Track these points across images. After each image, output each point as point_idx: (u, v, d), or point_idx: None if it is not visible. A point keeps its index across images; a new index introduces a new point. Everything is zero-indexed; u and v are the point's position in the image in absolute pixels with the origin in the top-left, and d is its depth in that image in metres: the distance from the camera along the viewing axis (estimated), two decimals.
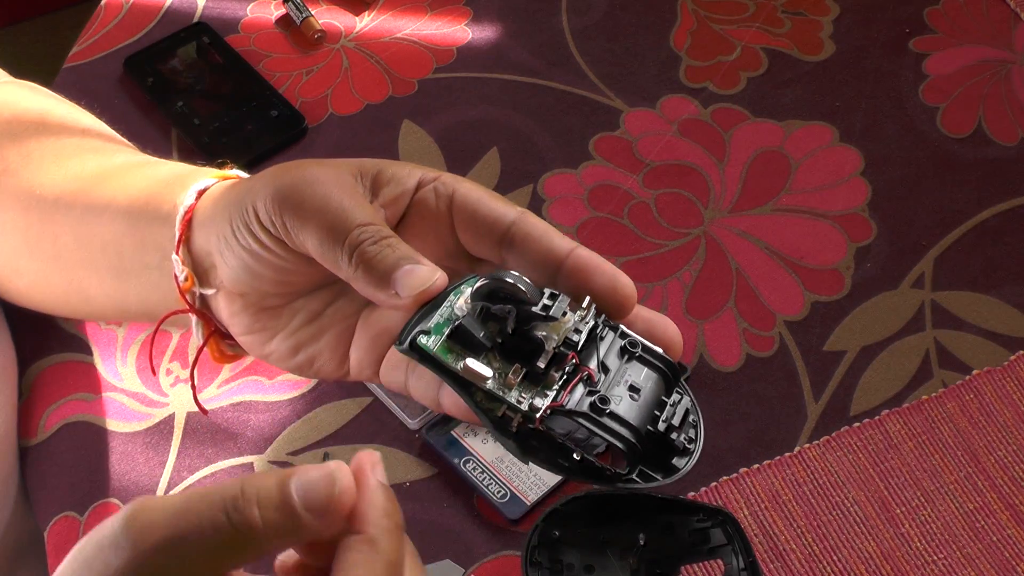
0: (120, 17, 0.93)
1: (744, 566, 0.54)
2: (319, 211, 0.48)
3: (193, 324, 0.55)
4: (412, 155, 0.84)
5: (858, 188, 0.82)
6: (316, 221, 0.48)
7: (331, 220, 0.47)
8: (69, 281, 0.62)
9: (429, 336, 0.45)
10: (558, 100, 0.87)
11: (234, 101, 0.87)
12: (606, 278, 0.47)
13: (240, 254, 0.51)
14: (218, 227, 0.52)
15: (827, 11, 0.92)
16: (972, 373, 0.72)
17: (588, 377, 0.45)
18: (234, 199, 0.51)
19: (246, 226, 0.50)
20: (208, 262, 0.53)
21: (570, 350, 0.45)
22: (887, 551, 0.66)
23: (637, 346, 0.47)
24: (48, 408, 0.73)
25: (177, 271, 0.53)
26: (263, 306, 0.53)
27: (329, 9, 0.94)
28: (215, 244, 0.52)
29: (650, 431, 0.45)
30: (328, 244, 0.47)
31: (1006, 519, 0.67)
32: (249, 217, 0.50)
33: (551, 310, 0.45)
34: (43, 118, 0.67)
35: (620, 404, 0.45)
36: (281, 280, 0.51)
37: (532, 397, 0.44)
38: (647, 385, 0.46)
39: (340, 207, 0.48)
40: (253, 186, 0.51)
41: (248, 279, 0.51)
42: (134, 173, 0.61)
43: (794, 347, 0.74)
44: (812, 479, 0.68)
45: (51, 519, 0.69)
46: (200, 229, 0.53)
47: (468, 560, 0.66)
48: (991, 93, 0.86)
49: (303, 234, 0.48)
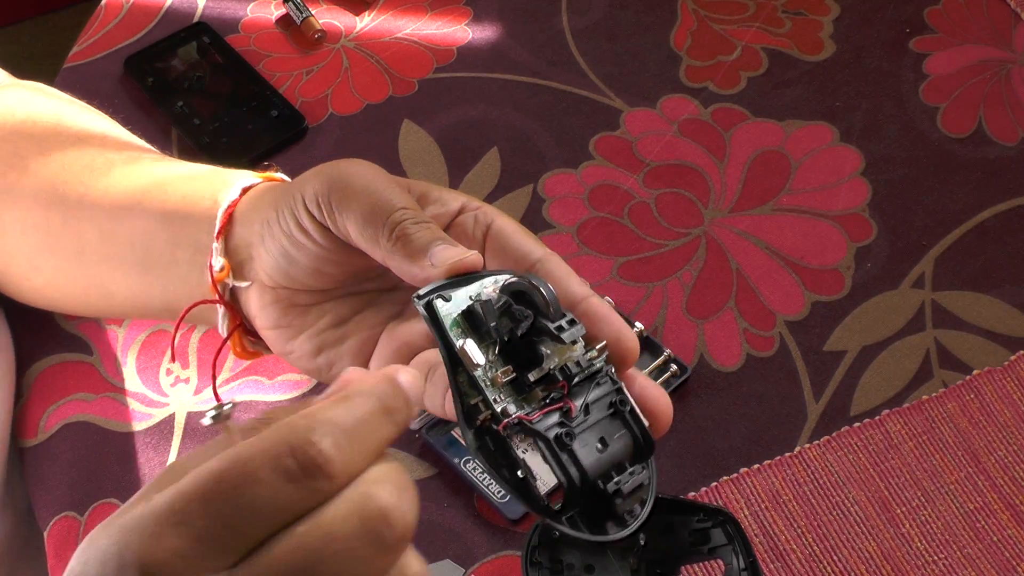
0: (120, 17, 0.93)
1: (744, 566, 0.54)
2: (363, 194, 0.49)
3: (219, 316, 0.57)
4: (412, 155, 0.84)
5: (858, 188, 0.82)
6: (360, 202, 0.49)
7: (374, 201, 0.49)
8: (90, 277, 0.63)
9: (447, 304, 0.46)
10: (558, 100, 0.87)
11: (234, 101, 0.87)
12: (612, 329, 0.48)
13: (280, 239, 0.52)
14: (262, 215, 0.54)
15: (827, 11, 0.92)
16: (972, 373, 0.72)
17: (567, 410, 0.45)
18: (281, 191, 0.53)
19: (291, 211, 0.52)
20: (245, 254, 0.55)
21: (564, 378, 0.45)
22: (887, 551, 0.66)
23: (626, 405, 0.46)
24: (48, 408, 0.73)
25: (214, 259, 0.55)
26: (293, 302, 0.54)
27: (329, 9, 0.94)
28: (257, 232, 0.54)
29: (598, 486, 0.45)
30: (370, 222, 0.49)
31: (1007, 519, 0.67)
32: (296, 203, 0.51)
33: (564, 333, 0.45)
34: (59, 118, 0.68)
35: (583, 448, 0.45)
36: (316, 270, 0.53)
37: (508, 402, 0.45)
38: (617, 444, 0.46)
39: (384, 191, 0.50)
40: (302, 178, 0.52)
41: (285, 265, 0.53)
42: (166, 172, 0.62)
43: (794, 347, 0.74)
44: (812, 479, 0.68)
45: (51, 519, 0.69)
46: (241, 222, 0.55)
47: (468, 560, 0.66)
48: (991, 93, 0.86)
49: (347, 214, 0.49)
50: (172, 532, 0.34)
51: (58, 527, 0.68)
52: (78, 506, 0.69)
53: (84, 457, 0.71)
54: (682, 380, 0.72)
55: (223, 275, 0.55)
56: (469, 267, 0.48)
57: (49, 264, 0.64)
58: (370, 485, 0.36)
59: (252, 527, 0.34)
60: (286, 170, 0.84)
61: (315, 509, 0.35)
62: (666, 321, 0.75)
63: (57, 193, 0.63)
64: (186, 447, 0.71)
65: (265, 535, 0.34)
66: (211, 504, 0.34)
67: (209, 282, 0.56)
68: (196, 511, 0.34)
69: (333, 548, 0.34)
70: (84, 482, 0.70)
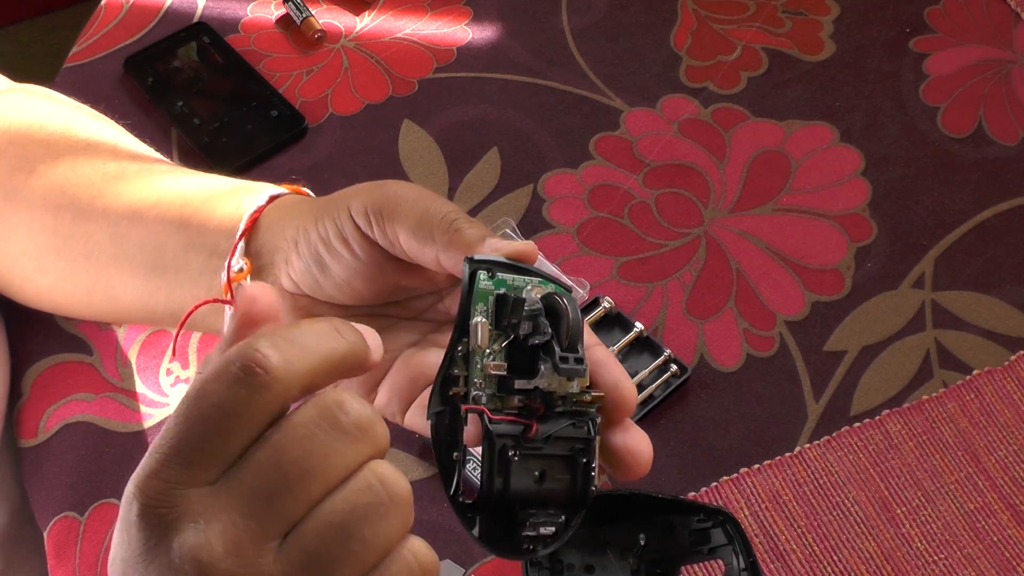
0: (120, 17, 0.93)
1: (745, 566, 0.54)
2: (414, 203, 0.51)
3: (227, 318, 0.57)
4: (412, 155, 0.84)
5: (858, 188, 0.82)
6: (411, 209, 0.51)
7: (425, 207, 0.51)
8: (96, 279, 0.63)
9: (488, 281, 0.46)
10: (558, 100, 0.87)
11: (234, 101, 0.87)
12: (611, 376, 0.48)
13: (316, 246, 0.53)
14: (298, 222, 0.54)
15: (827, 11, 0.92)
16: (972, 373, 0.72)
17: (528, 429, 0.45)
18: (322, 203, 0.54)
19: (333, 221, 0.53)
20: (267, 260, 0.56)
21: (543, 402, 0.45)
22: (888, 551, 0.66)
23: (585, 457, 0.46)
24: (48, 408, 0.73)
25: (235, 260, 0.56)
26: (311, 313, 0.55)
27: (329, 9, 0.94)
28: (290, 237, 0.54)
29: (512, 509, 0.45)
30: (423, 223, 0.50)
31: (1007, 519, 0.67)
32: (339, 213, 0.52)
33: (564, 364, 0.45)
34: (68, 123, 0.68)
35: (521, 470, 0.45)
36: (346, 282, 0.53)
37: (485, 392, 0.45)
38: (554, 485, 0.46)
39: (433, 199, 0.51)
40: (346, 192, 0.54)
41: (317, 273, 0.54)
42: (183, 181, 0.63)
43: (794, 347, 0.74)
44: (813, 479, 0.68)
45: (51, 519, 0.69)
46: (269, 228, 0.56)
47: (468, 560, 0.66)
48: (991, 93, 0.86)
49: (398, 221, 0.51)
50: (153, 462, 0.37)
51: (58, 527, 0.68)
52: (78, 506, 0.69)
53: (84, 457, 0.71)
54: (682, 380, 0.72)
55: (242, 276, 0.56)
56: (524, 254, 0.48)
57: (55, 266, 0.64)
58: (330, 390, 0.39)
59: (219, 436, 0.37)
60: (286, 170, 0.84)
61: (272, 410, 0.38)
62: (666, 321, 0.75)
63: (67, 195, 0.63)
64: None
65: (239, 444, 0.37)
66: (182, 424, 0.37)
67: (221, 285, 0.56)
68: (173, 433, 0.37)
69: (292, 433, 0.37)
70: (84, 482, 0.70)
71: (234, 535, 0.36)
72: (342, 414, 0.38)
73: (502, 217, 0.80)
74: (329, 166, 0.84)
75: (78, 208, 0.63)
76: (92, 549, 0.67)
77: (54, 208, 0.63)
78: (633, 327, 0.73)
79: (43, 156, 0.65)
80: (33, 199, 0.64)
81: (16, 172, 0.65)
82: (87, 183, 0.63)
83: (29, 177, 0.64)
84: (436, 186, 0.82)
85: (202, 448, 0.37)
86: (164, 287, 0.60)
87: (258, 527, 0.37)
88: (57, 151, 0.65)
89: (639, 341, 0.73)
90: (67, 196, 0.63)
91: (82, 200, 0.63)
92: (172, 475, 0.37)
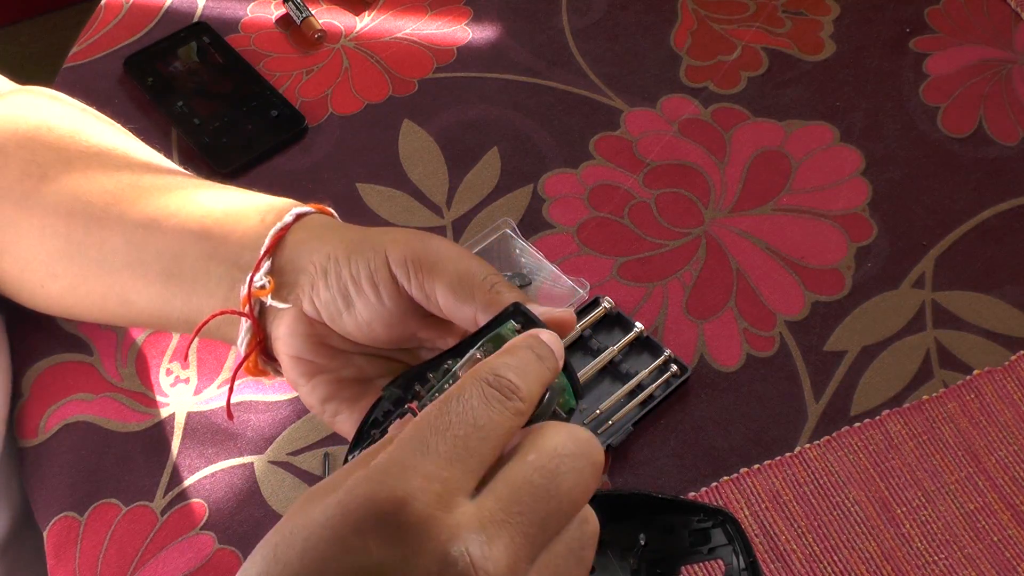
0: (120, 17, 0.93)
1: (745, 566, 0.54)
2: (454, 261, 0.53)
3: (243, 331, 0.57)
4: (412, 155, 0.84)
5: (858, 188, 0.82)
6: (453, 267, 0.53)
7: (465, 267, 0.53)
8: (110, 285, 0.63)
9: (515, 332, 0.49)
10: (558, 100, 0.87)
11: (234, 101, 0.87)
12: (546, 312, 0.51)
13: (346, 283, 0.54)
14: (329, 250, 0.56)
15: (827, 11, 0.92)
16: (973, 373, 0.72)
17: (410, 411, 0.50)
18: (358, 240, 0.55)
19: (367, 264, 0.54)
20: (291, 278, 0.56)
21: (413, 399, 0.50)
22: (888, 551, 0.66)
23: None
24: (48, 408, 0.73)
25: (258, 276, 0.56)
26: (326, 341, 0.56)
27: (329, 9, 0.94)
28: (319, 264, 0.55)
29: None
30: (464, 282, 0.53)
31: (1007, 519, 0.67)
32: (375, 258, 0.54)
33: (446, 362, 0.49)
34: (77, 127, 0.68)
35: None
36: (367, 324, 0.55)
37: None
38: None
39: (472, 260, 0.54)
40: (383, 237, 0.55)
41: (341, 308, 0.55)
42: (202, 191, 0.63)
43: (794, 347, 0.74)
44: (813, 479, 0.68)
45: (51, 519, 0.69)
46: (296, 249, 0.57)
47: None
48: (991, 93, 0.86)
49: (437, 279, 0.53)
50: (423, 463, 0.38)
51: (58, 527, 0.68)
52: (78, 506, 0.69)
53: (84, 457, 0.71)
54: (682, 380, 0.72)
55: (263, 293, 0.56)
56: (562, 323, 0.51)
57: (68, 271, 0.64)
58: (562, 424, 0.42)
59: (482, 444, 0.39)
60: (286, 170, 0.84)
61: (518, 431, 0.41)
62: (666, 321, 0.75)
63: (81, 201, 0.63)
64: (186, 447, 0.71)
65: (492, 456, 0.39)
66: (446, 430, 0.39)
67: (240, 297, 0.57)
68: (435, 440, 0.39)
69: (565, 465, 0.40)
70: (84, 482, 0.70)
71: (514, 552, 0.38)
72: (595, 452, 0.41)
73: (502, 217, 0.80)
74: (329, 166, 0.84)
75: (92, 214, 0.63)
76: (92, 549, 0.67)
77: (67, 214, 0.64)
78: (633, 327, 0.73)
79: (53, 161, 0.65)
80: (45, 204, 0.64)
81: (26, 177, 0.65)
82: (101, 189, 0.64)
83: (40, 182, 0.64)
84: (436, 186, 0.82)
85: (469, 453, 0.39)
86: (181, 295, 0.60)
87: (531, 548, 0.38)
88: (68, 156, 0.65)
89: (639, 341, 0.73)
90: (81, 202, 0.63)
91: (96, 206, 0.63)
92: (449, 476, 0.38)
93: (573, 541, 0.40)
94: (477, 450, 0.39)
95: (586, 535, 0.41)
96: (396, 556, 0.36)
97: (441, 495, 0.37)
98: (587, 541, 0.41)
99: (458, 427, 0.39)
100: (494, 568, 0.37)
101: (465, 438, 0.39)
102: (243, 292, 0.57)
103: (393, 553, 0.36)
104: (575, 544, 0.40)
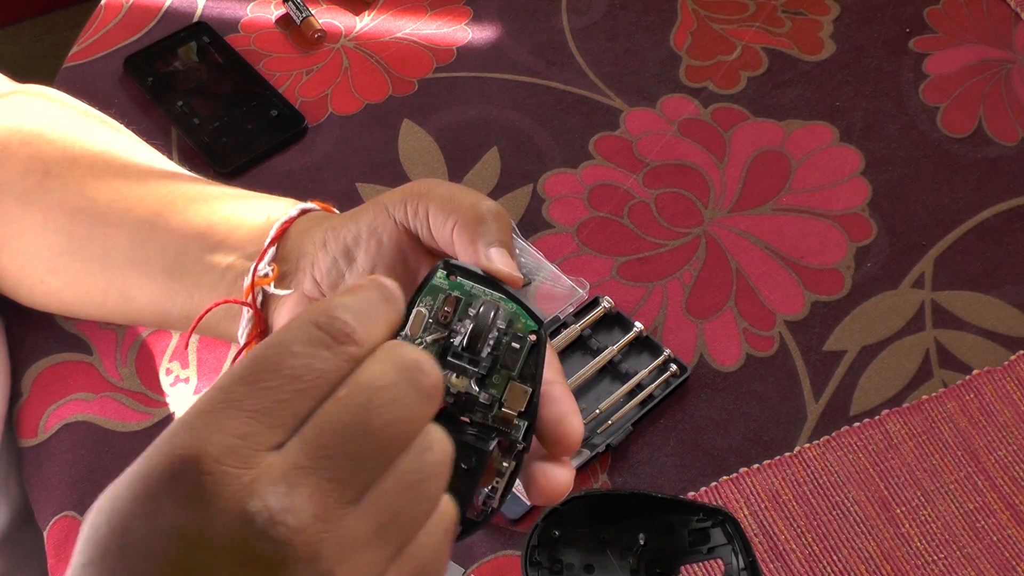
0: (120, 17, 0.93)
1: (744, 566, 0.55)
2: (443, 187, 0.52)
3: (244, 320, 0.58)
4: (412, 155, 0.84)
5: (858, 188, 0.82)
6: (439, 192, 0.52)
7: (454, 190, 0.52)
8: (111, 281, 0.63)
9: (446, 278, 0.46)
10: (558, 100, 0.87)
11: (234, 101, 0.87)
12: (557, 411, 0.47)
13: (344, 240, 0.54)
14: (328, 224, 0.56)
15: (827, 11, 0.92)
16: (972, 373, 0.72)
17: None
18: (359, 207, 0.55)
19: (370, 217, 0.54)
20: (292, 265, 0.57)
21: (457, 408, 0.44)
22: (887, 551, 0.66)
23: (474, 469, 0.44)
24: (48, 408, 0.73)
25: (262, 264, 0.57)
26: None
27: (329, 9, 0.94)
28: (319, 238, 0.56)
29: None
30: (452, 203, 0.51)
31: (1006, 519, 0.67)
32: (377, 212, 0.54)
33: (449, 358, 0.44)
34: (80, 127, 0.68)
35: None
36: (366, 273, 0.54)
37: None
38: None
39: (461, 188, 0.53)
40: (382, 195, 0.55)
41: (343, 264, 0.54)
42: (208, 189, 0.63)
43: (794, 347, 0.74)
44: (812, 479, 0.68)
45: (51, 519, 0.69)
46: (297, 237, 0.57)
47: (468, 560, 0.66)
48: (991, 93, 0.86)
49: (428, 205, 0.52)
50: (223, 418, 0.35)
51: (58, 527, 0.68)
52: (78, 506, 0.69)
53: (84, 457, 0.71)
54: (682, 380, 0.72)
55: (266, 281, 0.56)
56: (506, 280, 0.48)
57: (69, 267, 0.64)
58: (394, 346, 0.38)
59: (299, 397, 0.36)
60: (286, 170, 0.84)
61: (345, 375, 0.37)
62: (666, 321, 0.75)
63: (85, 198, 0.64)
64: None
65: (308, 407, 0.36)
66: (257, 382, 0.36)
67: (243, 289, 0.57)
68: (243, 392, 0.35)
69: (379, 397, 0.36)
70: (84, 482, 0.70)
71: (321, 499, 0.35)
72: (423, 376, 0.37)
73: None
74: (329, 166, 0.84)
75: (95, 211, 0.63)
76: None
77: (70, 210, 0.64)
78: (633, 327, 0.73)
79: (57, 158, 0.65)
80: (48, 200, 0.64)
81: (30, 173, 0.65)
82: (106, 187, 0.64)
83: (43, 179, 0.65)
84: None
85: (282, 407, 0.35)
86: (183, 291, 0.61)
87: (343, 491, 0.35)
88: (71, 154, 0.66)
89: (639, 341, 0.73)
90: (85, 199, 0.64)
91: (100, 203, 0.63)
92: (249, 431, 0.35)
93: (407, 474, 0.37)
94: (290, 403, 0.36)
95: (426, 464, 0.37)
96: (193, 518, 0.34)
97: (237, 449, 0.34)
98: (429, 471, 0.37)
99: (270, 377, 0.36)
100: (295, 519, 0.34)
101: (277, 390, 0.35)
102: (246, 283, 0.57)
103: (189, 515, 0.34)
104: (410, 477, 0.37)
